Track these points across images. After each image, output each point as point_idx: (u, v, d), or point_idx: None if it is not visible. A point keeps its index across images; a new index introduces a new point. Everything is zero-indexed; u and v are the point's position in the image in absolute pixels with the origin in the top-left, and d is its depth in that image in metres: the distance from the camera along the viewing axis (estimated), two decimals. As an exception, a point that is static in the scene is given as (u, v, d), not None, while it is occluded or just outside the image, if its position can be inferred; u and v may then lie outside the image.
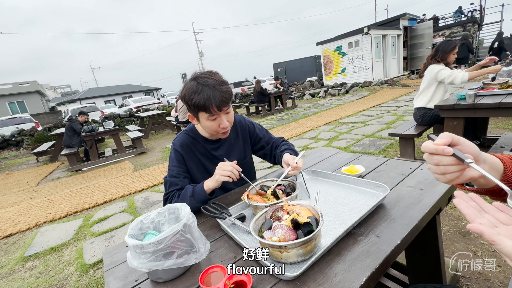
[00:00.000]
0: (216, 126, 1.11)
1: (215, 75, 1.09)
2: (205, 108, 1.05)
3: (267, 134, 1.44)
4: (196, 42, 29.87)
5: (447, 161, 0.50)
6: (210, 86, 1.04)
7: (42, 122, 14.64)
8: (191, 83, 1.07)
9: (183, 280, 0.71)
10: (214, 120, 1.09)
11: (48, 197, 3.92)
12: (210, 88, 1.04)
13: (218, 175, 1.05)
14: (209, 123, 1.11)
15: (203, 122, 1.12)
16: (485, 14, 15.47)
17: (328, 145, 4.30)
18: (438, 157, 0.51)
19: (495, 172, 0.53)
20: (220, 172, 1.05)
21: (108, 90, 28.00)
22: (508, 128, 3.75)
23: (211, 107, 1.04)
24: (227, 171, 1.04)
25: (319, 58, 15.97)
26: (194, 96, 1.04)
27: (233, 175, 1.04)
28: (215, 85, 1.05)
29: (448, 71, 2.63)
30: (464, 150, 0.51)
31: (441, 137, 0.52)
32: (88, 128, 5.66)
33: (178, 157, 1.21)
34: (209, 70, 1.12)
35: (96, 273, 2.04)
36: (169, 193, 1.15)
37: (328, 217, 0.86)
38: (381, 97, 8.22)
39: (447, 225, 1.90)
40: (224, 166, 1.06)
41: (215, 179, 1.06)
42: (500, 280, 1.40)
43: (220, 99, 1.04)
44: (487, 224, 0.44)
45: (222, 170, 1.05)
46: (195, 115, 1.13)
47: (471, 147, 0.52)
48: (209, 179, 1.10)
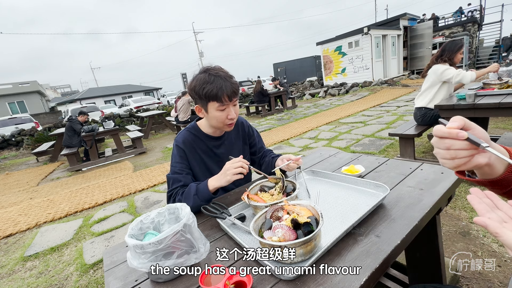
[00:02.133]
0: (224, 117, 1.14)
1: (223, 69, 1.15)
2: (216, 98, 1.08)
3: (260, 142, 1.47)
4: (196, 42, 29.89)
5: (459, 145, 0.48)
6: (221, 77, 1.09)
7: (42, 122, 14.64)
8: (202, 75, 1.10)
9: (183, 280, 0.71)
10: (223, 110, 1.13)
11: (48, 197, 3.92)
12: (222, 79, 1.08)
13: (230, 175, 1.04)
14: (218, 114, 1.13)
15: (212, 112, 1.13)
16: (485, 14, 15.47)
17: (328, 145, 4.30)
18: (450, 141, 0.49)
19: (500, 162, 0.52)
20: (231, 171, 1.04)
21: (108, 90, 28.00)
22: (508, 128, 3.75)
23: (223, 96, 1.08)
24: (237, 168, 1.04)
25: (319, 58, 15.97)
26: (206, 86, 1.07)
27: (244, 170, 1.04)
28: (226, 76, 1.10)
29: (455, 70, 2.64)
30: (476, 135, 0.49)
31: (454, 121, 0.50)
32: (88, 128, 5.66)
33: (181, 153, 1.21)
34: (217, 65, 1.16)
35: (96, 273, 2.04)
36: (173, 190, 1.15)
37: (328, 217, 0.86)
38: (381, 97, 8.22)
39: (447, 225, 1.90)
40: (233, 163, 1.05)
41: (226, 179, 1.05)
42: (500, 280, 1.40)
43: (231, 89, 1.09)
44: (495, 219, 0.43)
45: (232, 168, 1.04)
46: (204, 106, 1.15)
47: (482, 132, 0.51)
48: (214, 178, 1.09)
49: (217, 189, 1.09)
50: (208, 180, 1.09)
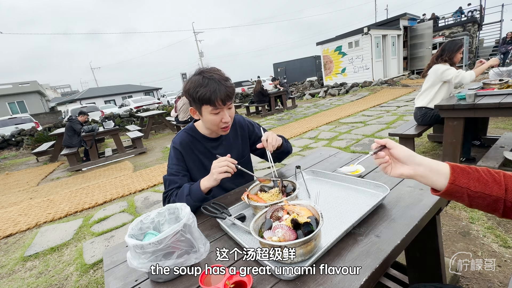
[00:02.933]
0: (218, 120, 1.12)
1: (219, 71, 1.12)
2: (210, 101, 1.06)
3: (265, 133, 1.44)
4: (196, 42, 29.88)
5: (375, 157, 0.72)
6: (215, 80, 1.06)
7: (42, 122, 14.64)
8: (196, 77, 1.08)
9: (183, 280, 0.71)
10: (217, 114, 1.11)
11: (48, 197, 3.92)
12: (216, 82, 1.06)
13: (216, 174, 1.03)
14: (211, 117, 1.11)
15: (206, 116, 1.12)
16: (485, 14, 15.48)
17: (328, 145, 4.30)
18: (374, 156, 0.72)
19: (437, 174, 0.64)
20: (217, 170, 1.03)
21: (108, 90, 28.00)
22: (508, 128, 3.75)
23: (216, 100, 1.06)
24: (222, 166, 1.03)
25: (319, 58, 15.97)
26: (200, 89, 1.06)
27: (230, 169, 1.03)
28: (220, 79, 1.07)
29: (455, 71, 2.64)
30: (397, 153, 0.68)
31: (376, 142, 0.72)
32: (88, 128, 5.66)
33: (178, 155, 1.21)
34: (213, 66, 1.14)
35: (96, 273, 2.04)
36: (168, 191, 1.15)
37: (328, 217, 0.86)
38: (381, 97, 8.22)
39: (447, 225, 1.90)
40: (219, 162, 1.04)
41: (213, 178, 1.04)
42: (500, 280, 1.40)
43: (225, 93, 1.07)
44: None
45: (218, 167, 1.03)
46: (198, 109, 1.14)
47: (403, 152, 0.68)
48: (205, 178, 1.09)
49: (209, 189, 1.09)
50: (200, 180, 1.09)
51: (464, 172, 0.62)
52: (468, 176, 0.61)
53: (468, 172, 0.62)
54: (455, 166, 0.64)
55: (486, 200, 0.59)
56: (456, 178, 0.62)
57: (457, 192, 0.62)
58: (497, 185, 0.58)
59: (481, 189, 0.59)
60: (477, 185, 0.60)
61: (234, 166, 1.05)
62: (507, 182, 0.58)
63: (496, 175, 0.60)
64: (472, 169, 0.62)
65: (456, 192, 0.62)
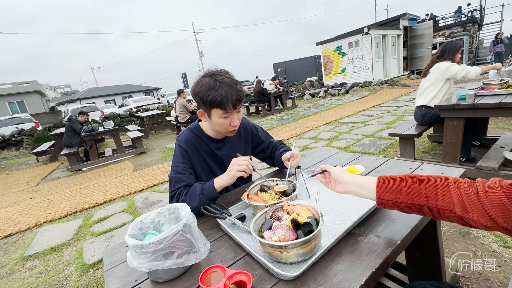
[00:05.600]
0: (227, 124, 1.12)
1: (229, 73, 1.11)
2: (221, 105, 1.05)
3: (268, 137, 1.46)
4: (196, 42, 29.91)
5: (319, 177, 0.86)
6: (227, 84, 1.05)
7: (42, 122, 14.65)
8: (207, 79, 1.07)
9: (183, 280, 0.71)
10: (226, 118, 1.10)
11: (48, 197, 3.92)
12: (228, 86, 1.05)
13: (234, 171, 1.04)
14: (221, 121, 1.11)
15: (215, 119, 1.12)
16: (485, 14, 15.49)
17: (328, 145, 4.30)
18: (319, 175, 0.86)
19: (366, 190, 0.72)
20: (235, 167, 1.04)
21: (108, 90, 27.99)
22: (508, 128, 3.75)
23: (228, 104, 1.05)
24: (242, 165, 1.04)
25: (319, 58, 15.97)
26: (211, 93, 1.04)
27: (248, 169, 1.04)
28: (232, 83, 1.06)
29: (459, 66, 2.68)
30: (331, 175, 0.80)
31: (320, 167, 0.85)
32: (88, 128, 5.66)
33: (183, 153, 1.20)
34: (222, 68, 1.12)
35: (96, 273, 2.04)
36: (175, 190, 1.13)
37: (328, 217, 0.86)
38: (381, 97, 8.22)
39: (447, 225, 1.90)
40: (239, 161, 1.05)
41: (231, 175, 1.05)
42: (500, 280, 1.40)
43: (236, 98, 1.06)
44: None
45: (238, 165, 1.04)
46: (207, 112, 1.12)
47: (335, 174, 0.79)
48: (220, 177, 1.09)
49: (222, 189, 1.10)
50: (214, 179, 1.09)
51: (388, 186, 0.68)
52: (391, 189, 0.67)
53: (391, 185, 0.67)
54: (380, 181, 0.69)
55: (413, 208, 0.64)
56: (381, 194, 0.68)
57: (386, 205, 0.69)
58: (416, 195, 0.63)
59: (404, 199, 0.65)
60: (400, 197, 0.65)
61: (251, 169, 1.05)
62: (428, 191, 0.62)
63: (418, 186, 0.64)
64: (397, 180, 0.67)
65: (385, 205, 0.69)
